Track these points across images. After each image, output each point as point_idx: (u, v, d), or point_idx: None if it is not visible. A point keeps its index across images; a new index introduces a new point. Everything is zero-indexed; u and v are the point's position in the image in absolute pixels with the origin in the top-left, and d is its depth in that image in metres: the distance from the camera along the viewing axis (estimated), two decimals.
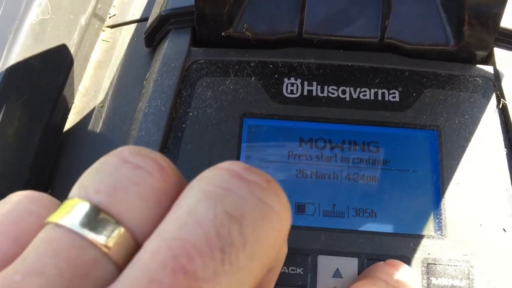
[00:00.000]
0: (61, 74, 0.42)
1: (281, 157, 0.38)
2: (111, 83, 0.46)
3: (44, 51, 0.40)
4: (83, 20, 0.45)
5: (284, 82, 0.40)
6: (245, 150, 0.38)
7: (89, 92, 0.47)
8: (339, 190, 0.37)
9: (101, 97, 0.46)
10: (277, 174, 0.38)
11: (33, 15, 0.39)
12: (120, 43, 0.49)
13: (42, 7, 0.40)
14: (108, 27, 0.50)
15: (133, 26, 0.50)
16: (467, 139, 0.38)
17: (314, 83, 0.40)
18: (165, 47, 0.42)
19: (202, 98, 0.40)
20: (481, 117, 0.39)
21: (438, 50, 0.41)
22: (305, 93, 0.40)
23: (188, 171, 0.37)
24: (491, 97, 0.40)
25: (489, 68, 0.41)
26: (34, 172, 0.39)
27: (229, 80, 0.40)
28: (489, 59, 0.42)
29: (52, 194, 0.41)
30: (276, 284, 0.34)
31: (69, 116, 0.45)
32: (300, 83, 0.40)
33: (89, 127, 0.44)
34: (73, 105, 0.46)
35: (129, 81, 0.46)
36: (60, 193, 0.41)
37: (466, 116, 0.39)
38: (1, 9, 0.39)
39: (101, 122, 0.44)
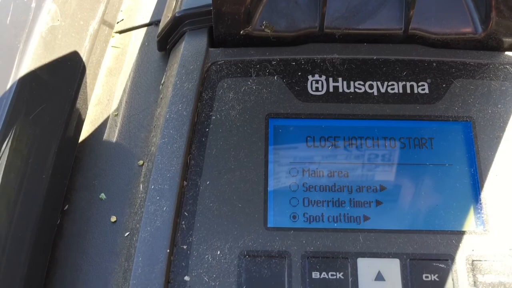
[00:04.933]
0: (74, 82, 0.40)
1: (310, 158, 0.37)
2: (124, 90, 0.45)
3: (55, 59, 0.38)
4: (92, 26, 0.43)
5: (308, 79, 0.39)
6: (272, 152, 0.37)
7: (101, 101, 0.45)
8: (374, 189, 0.36)
9: (114, 105, 0.44)
10: (308, 176, 0.36)
11: (42, 23, 0.38)
12: (130, 49, 0.47)
13: (52, 13, 0.38)
14: (117, 32, 0.49)
15: (143, 30, 0.48)
16: (502, 129, 0.37)
17: (340, 79, 0.39)
18: (182, 49, 0.40)
19: (224, 100, 0.38)
20: None
21: (465, 38, 0.40)
22: (331, 89, 0.38)
23: (215, 176, 0.35)
24: None
25: None
26: (51, 188, 0.37)
27: (251, 80, 0.39)
28: None
29: (69, 210, 0.39)
30: None
31: (83, 127, 0.43)
32: (325, 79, 0.39)
33: (104, 137, 0.42)
34: (86, 115, 0.44)
35: (143, 87, 0.44)
36: (80, 208, 0.39)
37: (499, 105, 0.38)
38: (9, 17, 0.37)
39: (116, 131, 0.43)
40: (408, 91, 0.38)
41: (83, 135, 0.43)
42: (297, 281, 0.33)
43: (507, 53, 0.40)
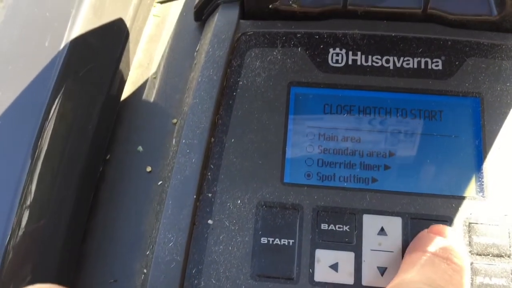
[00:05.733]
0: (119, 46, 0.45)
1: (326, 124, 0.40)
2: (162, 56, 0.49)
3: (103, 25, 0.43)
4: None
5: (329, 52, 0.42)
6: (292, 117, 0.40)
7: (142, 65, 0.49)
8: (384, 154, 0.39)
9: (153, 69, 0.49)
10: (324, 140, 0.40)
11: None
12: (170, 18, 0.51)
13: None
14: (158, 2, 0.53)
15: (182, 1, 0.52)
16: (509, 105, 0.40)
17: (359, 53, 0.42)
18: (215, 20, 0.44)
19: (251, 68, 0.42)
20: None
21: (481, 20, 0.42)
22: (350, 62, 0.42)
23: (239, 135, 0.39)
24: None
25: None
26: (95, 138, 0.42)
27: (276, 51, 0.42)
28: None
29: (111, 159, 0.44)
30: (323, 240, 0.36)
31: (125, 87, 0.48)
32: (345, 53, 0.42)
33: (143, 97, 0.47)
34: (128, 77, 0.48)
35: (180, 54, 0.48)
36: (120, 158, 0.44)
37: (508, 84, 0.40)
38: None
39: (154, 92, 0.47)
40: (423, 66, 0.41)
41: (125, 94, 0.48)
42: (307, 230, 0.37)
43: None
